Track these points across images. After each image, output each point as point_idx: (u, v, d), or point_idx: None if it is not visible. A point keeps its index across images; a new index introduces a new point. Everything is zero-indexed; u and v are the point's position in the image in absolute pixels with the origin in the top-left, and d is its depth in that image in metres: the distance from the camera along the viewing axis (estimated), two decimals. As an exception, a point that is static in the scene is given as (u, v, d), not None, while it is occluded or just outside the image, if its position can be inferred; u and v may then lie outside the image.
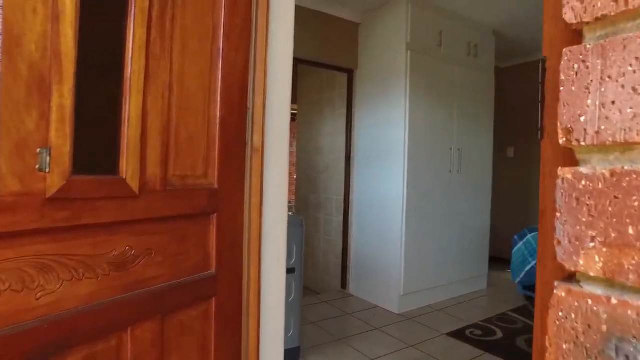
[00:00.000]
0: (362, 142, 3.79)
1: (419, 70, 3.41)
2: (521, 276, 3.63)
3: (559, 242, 0.44)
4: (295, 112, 4.86)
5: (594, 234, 0.39)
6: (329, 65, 3.74)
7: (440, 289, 3.69)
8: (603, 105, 0.40)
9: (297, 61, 3.53)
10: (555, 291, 0.43)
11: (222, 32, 1.16)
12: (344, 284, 3.94)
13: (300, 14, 2.74)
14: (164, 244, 1.01)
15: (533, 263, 3.55)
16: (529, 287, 3.67)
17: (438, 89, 3.58)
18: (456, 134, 3.74)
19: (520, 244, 3.69)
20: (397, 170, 3.40)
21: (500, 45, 4.49)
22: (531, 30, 4.14)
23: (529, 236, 3.64)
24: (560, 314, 0.42)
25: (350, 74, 3.89)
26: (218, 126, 1.15)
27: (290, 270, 2.56)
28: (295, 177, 4.78)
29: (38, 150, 0.77)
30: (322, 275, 4.23)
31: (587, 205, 0.41)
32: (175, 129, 1.03)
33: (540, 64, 0.56)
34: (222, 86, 1.15)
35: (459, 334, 2.96)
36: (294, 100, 4.80)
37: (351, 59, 3.83)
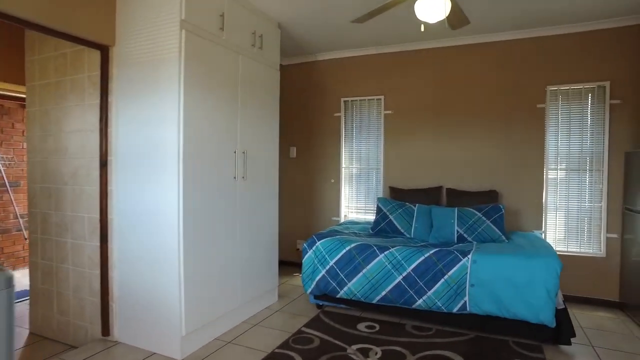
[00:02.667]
0: (124, 142, 2.82)
1: (196, 56, 2.69)
2: (312, 286, 3.39)
3: None
4: (24, 96, 3.42)
5: None
6: (73, 37, 2.61)
7: (230, 315, 3.11)
8: None
9: (21, 23, 2.30)
10: None
11: None
12: (106, 329, 2.91)
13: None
14: None
15: (323, 272, 3.34)
16: (320, 296, 3.47)
17: (220, 81, 2.94)
18: (241, 134, 3.19)
19: (310, 253, 3.44)
20: (171, 179, 2.62)
21: (282, 41, 4.17)
22: (313, 30, 3.94)
23: (318, 244, 3.42)
24: None
25: (104, 51, 2.84)
26: None
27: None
28: (27, 188, 3.36)
29: None
30: (75, 320, 3.07)
31: None
32: None
33: None
34: None
35: (255, 375, 2.44)
36: (20, 80, 3.36)
37: (106, 32, 2.79)
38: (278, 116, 3.69)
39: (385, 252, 3.18)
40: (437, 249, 3.10)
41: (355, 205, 4.69)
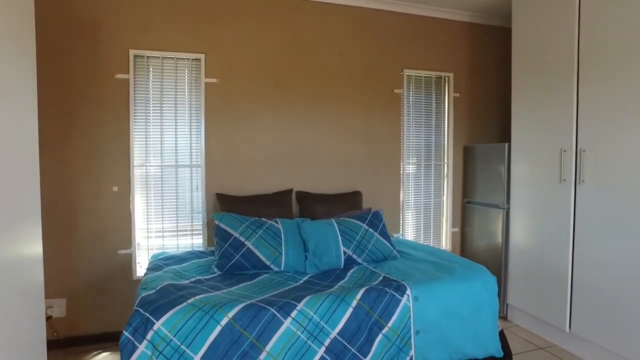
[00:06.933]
0: None
1: None
2: (154, 416, 1.59)
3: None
4: None
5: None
6: None
7: None
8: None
9: None
10: None
11: None
12: None
13: None
14: None
15: (180, 380, 1.60)
16: None
17: None
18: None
19: (142, 349, 1.60)
20: None
21: None
22: None
23: (159, 327, 1.62)
24: None
25: None
26: None
27: None
28: None
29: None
30: None
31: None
32: None
33: None
34: None
35: None
36: None
37: None
38: (35, 53, 1.57)
39: (293, 314, 1.79)
40: (364, 290, 1.97)
41: (158, 226, 2.86)
